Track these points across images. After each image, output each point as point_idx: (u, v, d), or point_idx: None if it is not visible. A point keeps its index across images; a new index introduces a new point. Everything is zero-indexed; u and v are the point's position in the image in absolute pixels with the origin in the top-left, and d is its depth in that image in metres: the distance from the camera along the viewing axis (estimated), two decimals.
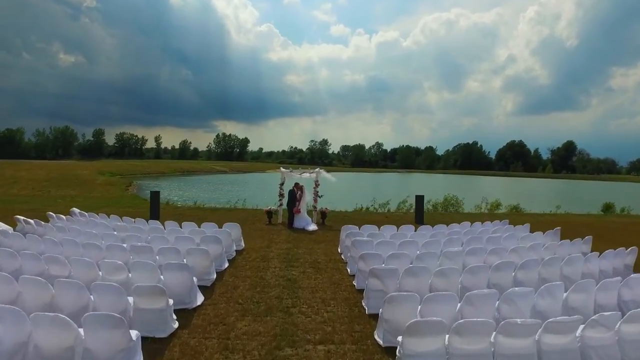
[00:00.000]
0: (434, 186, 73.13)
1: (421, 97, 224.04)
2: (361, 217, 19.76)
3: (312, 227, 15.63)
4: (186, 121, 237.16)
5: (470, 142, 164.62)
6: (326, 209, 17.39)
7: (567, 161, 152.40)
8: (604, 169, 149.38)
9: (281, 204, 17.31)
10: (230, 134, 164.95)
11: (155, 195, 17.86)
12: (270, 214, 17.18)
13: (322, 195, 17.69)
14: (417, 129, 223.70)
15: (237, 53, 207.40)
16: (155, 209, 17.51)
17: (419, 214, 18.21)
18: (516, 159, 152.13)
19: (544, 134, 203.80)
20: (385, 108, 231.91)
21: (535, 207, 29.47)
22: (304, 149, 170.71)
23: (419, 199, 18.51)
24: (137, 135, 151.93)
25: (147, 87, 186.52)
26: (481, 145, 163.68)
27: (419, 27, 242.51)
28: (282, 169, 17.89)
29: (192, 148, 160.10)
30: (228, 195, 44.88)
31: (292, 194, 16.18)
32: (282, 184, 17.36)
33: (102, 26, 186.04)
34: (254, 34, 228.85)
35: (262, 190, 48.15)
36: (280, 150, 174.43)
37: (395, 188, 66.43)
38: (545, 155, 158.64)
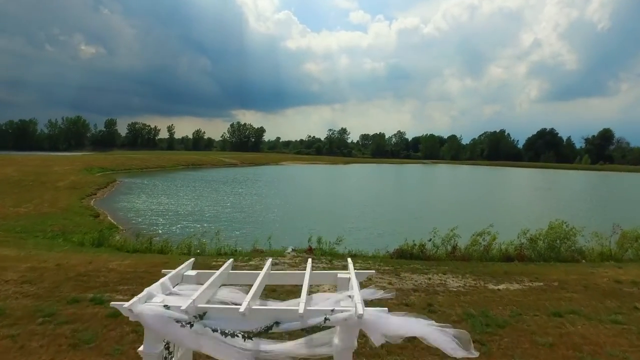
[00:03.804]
0: (480, 183, 50.92)
1: (442, 85, 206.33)
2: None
3: None
4: (205, 110, 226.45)
5: (495, 130, 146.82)
6: None
7: (603, 151, 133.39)
8: None
9: None
10: (245, 123, 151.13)
11: None
12: None
13: None
14: (437, 117, 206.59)
15: (255, 42, 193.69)
16: None
17: None
18: (547, 149, 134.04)
19: (569, 121, 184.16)
20: (405, 96, 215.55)
21: None
22: (322, 138, 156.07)
23: None
24: (149, 125, 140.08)
25: (166, 77, 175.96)
26: (509, 134, 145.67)
27: (440, 12, 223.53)
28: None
29: (206, 138, 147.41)
30: (222, 201, 31.77)
31: None
32: None
33: (122, 17, 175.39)
34: (272, 22, 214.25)
35: (268, 192, 36.07)
36: (298, 140, 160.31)
37: (435, 188, 47.61)
38: (579, 144, 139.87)
